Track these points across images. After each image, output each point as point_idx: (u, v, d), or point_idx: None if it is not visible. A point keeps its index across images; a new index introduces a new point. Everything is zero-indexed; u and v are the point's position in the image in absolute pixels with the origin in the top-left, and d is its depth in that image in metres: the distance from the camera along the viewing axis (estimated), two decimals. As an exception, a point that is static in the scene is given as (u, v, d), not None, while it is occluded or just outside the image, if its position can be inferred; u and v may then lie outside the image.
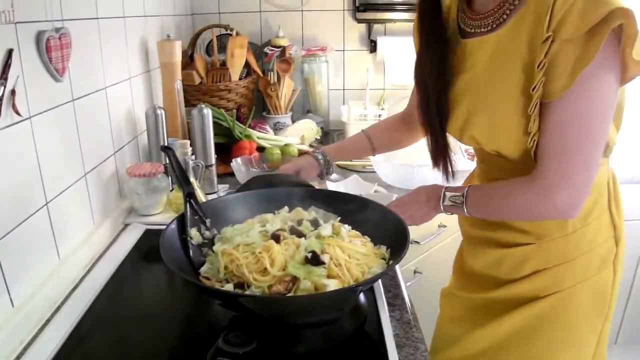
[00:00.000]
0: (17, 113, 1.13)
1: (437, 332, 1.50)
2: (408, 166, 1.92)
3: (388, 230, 1.17)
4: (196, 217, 1.20)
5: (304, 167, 1.53)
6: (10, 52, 1.11)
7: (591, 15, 0.94)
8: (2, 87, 1.08)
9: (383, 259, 1.13)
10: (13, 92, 1.11)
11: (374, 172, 2.04)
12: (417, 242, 1.94)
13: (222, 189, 1.89)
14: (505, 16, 1.12)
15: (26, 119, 1.17)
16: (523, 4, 1.08)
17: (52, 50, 1.26)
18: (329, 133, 2.74)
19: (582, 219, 1.19)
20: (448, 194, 1.26)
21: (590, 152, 1.05)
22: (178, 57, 2.03)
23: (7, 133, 1.10)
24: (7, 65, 1.10)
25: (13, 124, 1.12)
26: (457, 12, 1.26)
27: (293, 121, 2.57)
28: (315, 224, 1.18)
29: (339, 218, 1.24)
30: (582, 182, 1.06)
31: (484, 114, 1.16)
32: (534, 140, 1.07)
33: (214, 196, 1.76)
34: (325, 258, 1.02)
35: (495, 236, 1.30)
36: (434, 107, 1.27)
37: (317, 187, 1.57)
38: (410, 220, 1.28)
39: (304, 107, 2.80)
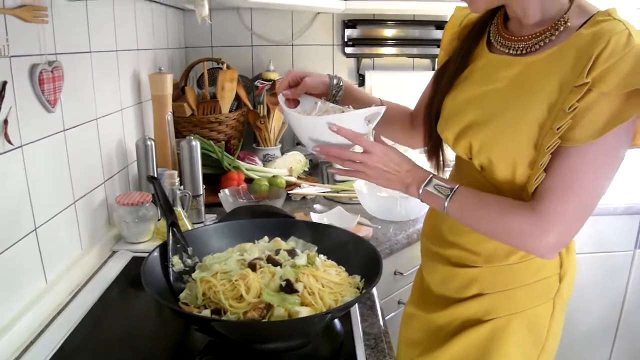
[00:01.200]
0: (9, 142, 1.17)
1: (397, 355, 1.51)
2: (391, 198, 1.96)
3: (363, 260, 1.23)
4: (178, 245, 1.24)
5: (313, 75, 1.42)
6: (4, 84, 1.16)
7: (638, 77, 0.95)
8: (-4, 117, 1.13)
9: (358, 288, 1.17)
10: (6, 121, 1.16)
11: (359, 203, 2.08)
12: (401, 274, 1.97)
13: (209, 219, 1.93)
14: (538, 46, 1.13)
15: (17, 147, 1.21)
16: (561, 40, 1.09)
17: (44, 82, 1.31)
18: (318, 165, 2.79)
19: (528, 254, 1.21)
20: (435, 180, 1.20)
21: (591, 203, 1.06)
22: (169, 90, 2.08)
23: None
24: (0, 96, 1.15)
25: (5, 152, 1.17)
26: (490, 24, 1.28)
27: (282, 153, 2.62)
28: (292, 253, 1.22)
29: (316, 248, 1.29)
30: (574, 230, 1.08)
31: (492, 129, 1.14)
32: (539, 177, 1.06)
33: (201, 225, 1.80)
34: (299, 286, 1.06)
35: (446, 253, 1.32)
36: (436, 105, 1.31)
37: (299, 218, 1.62)
38: (376, 177, 1.23)
39: (294, 139, 2.86)
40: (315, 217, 1.87)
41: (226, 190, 1.99)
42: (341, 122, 1.18)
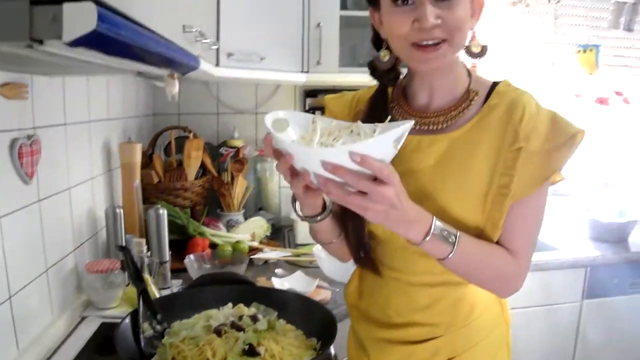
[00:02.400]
0: (-12, 214, 1.26)
1: None
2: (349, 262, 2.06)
3: (320, 323, 1.32)
4: (148, 312, 1.32)
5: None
6: (-15, 159, 1.25)
7: (560, 135, 1.12)
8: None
9: (315, 349, 1.26)
10: (-15, 194, 1.25)
11: (318, 267, 2.17)
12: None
13: (175, 285, 2.00)
14: (457, 118, 1.20)
15: (-5, 219, 1.30)
16: (472, 111, 1.20)
17: (23, 156, 1.40)
18: (280, 229, 2.88)
19: (483, 307, 1.29)
20: (438, 223, 1.07)
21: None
22: (138, 159, 2.18)
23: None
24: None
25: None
26: (387, 103, 1.30)
27: (245, 218, 2.71)
28: (254, 319, 1.32)
29: (276, 313, 1.38)
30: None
31: (435, 204, 1.15)
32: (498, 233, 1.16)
33: (167, 291, 1.87)
34: (261, 350, 1.16)
35: (401, 335, 1.29)
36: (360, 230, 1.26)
37: (263, 284, 1.71)
38: (382, 212, 0.98)
39: (256, 205, 2.95)
40: (276, 282, 1.96)
41: (191, 256, 2.08)
42: (366, 150, 0.92)
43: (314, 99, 2.94)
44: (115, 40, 0.74)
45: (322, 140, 1.00)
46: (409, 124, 0.95)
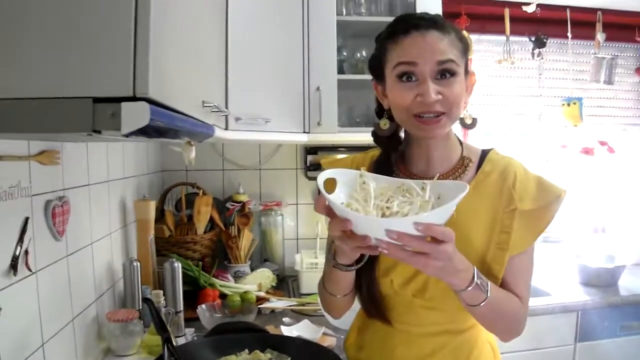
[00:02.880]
0: (29, 269, 1.40)
1: None
2: (351, 310, 2.18)
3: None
4: (172, 359, 1.45)
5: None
6: (26, 220, 1.40)
7: (548, 195, 1.30)
8: (20, 248, 1.36)
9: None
10: (27, 251, 1.39)
11: (323, 315, 2.28)
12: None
13: (189, 333, 2.12)
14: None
15: (33, 273, 1.44)
16: (468, 177, 1.35)
17: (56, 216, 1.56)
18: (285, 279, 3.00)
19: (479, 352, 1.40)
20: (479, 273, 1.18)
21: None
22: (152, 215, 2.33)
23: (19, 285, 1.36)
24: (24, 230, 1.39)
25: (24, 278, 1.39)
26: (392, 167, 1.39)
27: (252, 269, 2.84)
28: (270, 364, 1.45)
29: (289, 358, 1.51)
30: None
31: None
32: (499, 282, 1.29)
33: (182, 339, 2.00)
34: (277, 390, 1.29)
35: None
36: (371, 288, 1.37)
37: (272, 332, 1.83)
38: (439, 266, 1.06)
39: (262, 256, 3.07)
40: (285, 330, 2.09)
41: (203, 306, 2.21)
42: (430, 219, 0.99)
43: (314, 156, 3.10)
44: (161, 128, 0.90)
45: (377, 202, 1.05)
46: (465, 191, 1.02)
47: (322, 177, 1.12)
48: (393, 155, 1.42)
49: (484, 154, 1.40)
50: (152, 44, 0.85)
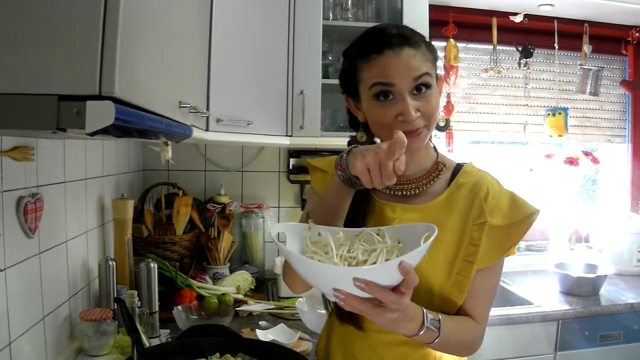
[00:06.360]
0: (-2, 267, 1.38)
1: None
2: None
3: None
4: (141, 361, 1.43)
5: None
6: (-5, 217, 1.38)
7: (519, 213, 1.30)
8: (-13, 247, 1.34)
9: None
10: (-5, 249, 1.37)
11: (300, 319, 2.27)
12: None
13: (164, 334, 2.10)
14: (425, 187, 1.36)
15: (2, 270, 1.41)
16: (440, 186, 1.36)
17: (28, 213, 1.53)
18: (264, 282, 2.98)
19: None
20: (429, 315, 1.18)
21: None
22: (130, 214, 2.31)
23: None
24: (-8, 227, 1.37)
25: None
26: None
27: (231, 271, 2.81)
28: (240, 369, 1.44)
29: (262, 363, 1.50)
30: None
31: None
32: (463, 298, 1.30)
33: (156, 340, 1.98)
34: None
35: None
36: None
37: (247, 335, 1.82)
38: (394, 317, 1.07)
39: (242, 258, 3.06)
40: (260, 334, 2.07)
41: (179, 307, 2.19)
42: (411, 261, 1.00)
43: (297, 159, 3.10)
44: (127, 127, 0.89)
45: (340, 252, 1.04)
46: (435, 232, 1.04)
47: (274, 231, 1.13)
48: None
49: (459, 166, 1.41)
50: (120, 42, 0.84)
